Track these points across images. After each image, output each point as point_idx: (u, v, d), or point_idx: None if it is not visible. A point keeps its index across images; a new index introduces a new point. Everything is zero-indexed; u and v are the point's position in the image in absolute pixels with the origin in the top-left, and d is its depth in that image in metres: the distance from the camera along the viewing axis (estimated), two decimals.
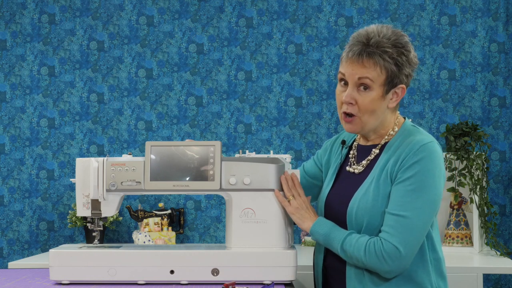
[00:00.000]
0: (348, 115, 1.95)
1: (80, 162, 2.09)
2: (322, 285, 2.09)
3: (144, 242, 3.46)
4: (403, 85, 1.95)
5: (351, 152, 2.09)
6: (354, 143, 2.11)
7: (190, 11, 3.79)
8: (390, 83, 1.92)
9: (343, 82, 1.96)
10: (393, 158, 1.92)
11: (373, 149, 2.01)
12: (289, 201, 2.03)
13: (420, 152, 1.87)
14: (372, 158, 2.00)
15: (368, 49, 1.89)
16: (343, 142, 2.13)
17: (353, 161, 2.06)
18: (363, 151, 2.05)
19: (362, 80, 1.91)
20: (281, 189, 2.05)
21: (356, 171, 2.02)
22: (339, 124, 3.73)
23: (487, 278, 3.63)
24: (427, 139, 1.91)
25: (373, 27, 1.93)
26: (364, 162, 2.01)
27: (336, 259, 2.00)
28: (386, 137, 2.01)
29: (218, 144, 2.04)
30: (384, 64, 1.89)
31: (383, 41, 1.89)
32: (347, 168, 2.06)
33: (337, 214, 2.00)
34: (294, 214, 2.02)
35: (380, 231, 1.88)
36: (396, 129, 2.01)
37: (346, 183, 2.04)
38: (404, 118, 2.07)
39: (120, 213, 3.72)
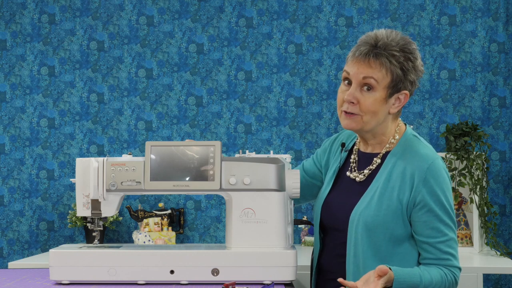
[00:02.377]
0: (348, 113, 1.94)
1: (80, 162, 2.09)
2: (315, 285, 2.09)
3: (144, 242, 3.46)
4: (407, 91, 1.94)
5: (352, 156, 2.07)
6: (354, 147, 2.09)
7: (190, 11, 3.79)
8: (394, 87, 1.91)
9: (346, 81, 1.95)
10: (399, 178, 1.92)
11: (375, 158, 2.00)
12: None
13: (430, 176, 1.89)
14: (373, 168, 1.99)
15: (376, 50, 1.89)
16: (343, 145, 2.11)
17: (354, 167, 2.05)
18: (365, 159, 2.04)
19: (366, 80, 1.90)
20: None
21: (357, 179, 2.01)
22: (339, 124, 3.73)
23: (487, 278, 3.63)
24: (430, 157, 1.92)
25: (382, 31, 1.94)
26: (365, 171, 2.00)
27: (332, 261, 2.01)
28: (387, 145, 2.00)
29: (218, 144, 2.04)
30: (390, 66, 1.89)
31: (392, 44, 1.90)
32: (347, 173, 2.05)
33: (336, 220, 2.00)
34: None
35: (440, 258, 1.91)
36: (397, 137, 2.00)
37: (346, 190, 2.03)
38: (405, 124, 2.06)
39: (120, 213, 3.72)
